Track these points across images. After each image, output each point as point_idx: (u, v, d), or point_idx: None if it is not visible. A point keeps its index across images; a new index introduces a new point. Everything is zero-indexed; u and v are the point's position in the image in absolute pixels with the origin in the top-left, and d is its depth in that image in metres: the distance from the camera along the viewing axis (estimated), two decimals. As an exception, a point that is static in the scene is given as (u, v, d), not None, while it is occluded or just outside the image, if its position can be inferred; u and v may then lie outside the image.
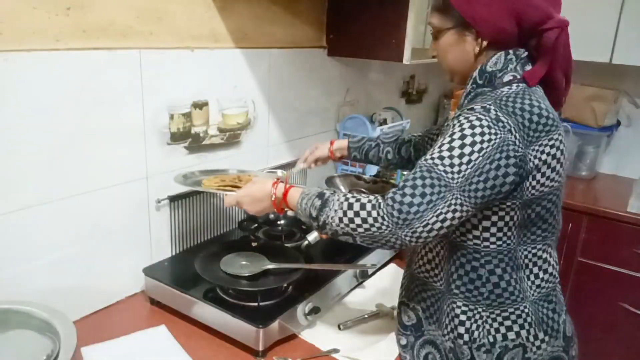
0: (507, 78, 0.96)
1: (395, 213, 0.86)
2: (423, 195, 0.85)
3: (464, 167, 0.85)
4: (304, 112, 1.85)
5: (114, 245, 1.26)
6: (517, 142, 0.87)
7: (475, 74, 0.98)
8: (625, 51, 2.16)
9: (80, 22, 1.09)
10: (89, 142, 1.15)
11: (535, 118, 0.90)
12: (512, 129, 0.87)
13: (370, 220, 0.89)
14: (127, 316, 1.25)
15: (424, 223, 0.86)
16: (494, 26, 0.94)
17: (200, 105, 1.41)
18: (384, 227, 0.87)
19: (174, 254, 1.42)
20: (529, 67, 0.98)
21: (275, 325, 1.12)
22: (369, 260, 1.44)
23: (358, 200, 0.91)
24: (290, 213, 1.43)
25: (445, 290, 1.02)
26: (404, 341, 1.11)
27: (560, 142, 0.93)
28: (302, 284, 1.23)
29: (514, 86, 0.95)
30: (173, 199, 1.38)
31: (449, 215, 0.86)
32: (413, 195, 0.86)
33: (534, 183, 0.91)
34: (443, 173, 0.86)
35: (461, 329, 0.99)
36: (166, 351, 1.11)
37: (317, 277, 1.28)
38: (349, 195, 0.94)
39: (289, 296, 1.21)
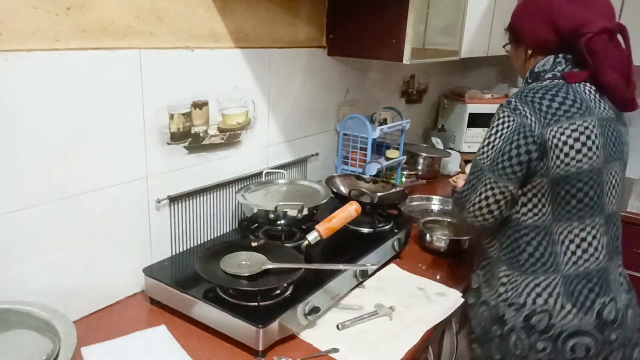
0: (548, 76, 1.15)
1: (456, 201, 1.23)
2: (469, 182, 1.17)
3: (490, 152, 1.11)
4: (304, 112, 1.85)
5: (113, 245, 1.27)
6: (533, 125, 1.06)
7: (527, 74, 1.22)
8: (625, 51, 2.16)
9: (80, 22, 1.09)
10: (88, 142, 1.15)
11: (555, 105, 1.07)
12: (528, 114, 1.07)
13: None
14: (127, 316, 1.25)
15: (472, 203, 1.16)
16: (535, 36, 1.17)
17: (200, 105, 1.41)
18: (456, 212, 1.26)
19: (174, 254, 1.42)
20: (576, 70, 1.12)
21: (275, 325, 1.12)
22: (369, 260, 1.44)
23: None
24: (290, 212, 1.45)
25: (496, 257, 1.22)
26: (471, 300, 1.31)
27: (586, 128, 1.07)
28: (302, 284, 1.23)
29: (548, 81, 1.13)
30: (173, 199, 1.38)
31: (489, 192, 1.12)
32: (465, 186, 1.19)
33: (557, 162, 1.06)
34: (479, 161, 1.14)
35: (501, 289, 1.18)
36: (166, 351, 1.11)
37: (317, 277, 1.28)
38: None
39: (288, 296, 1.21)
